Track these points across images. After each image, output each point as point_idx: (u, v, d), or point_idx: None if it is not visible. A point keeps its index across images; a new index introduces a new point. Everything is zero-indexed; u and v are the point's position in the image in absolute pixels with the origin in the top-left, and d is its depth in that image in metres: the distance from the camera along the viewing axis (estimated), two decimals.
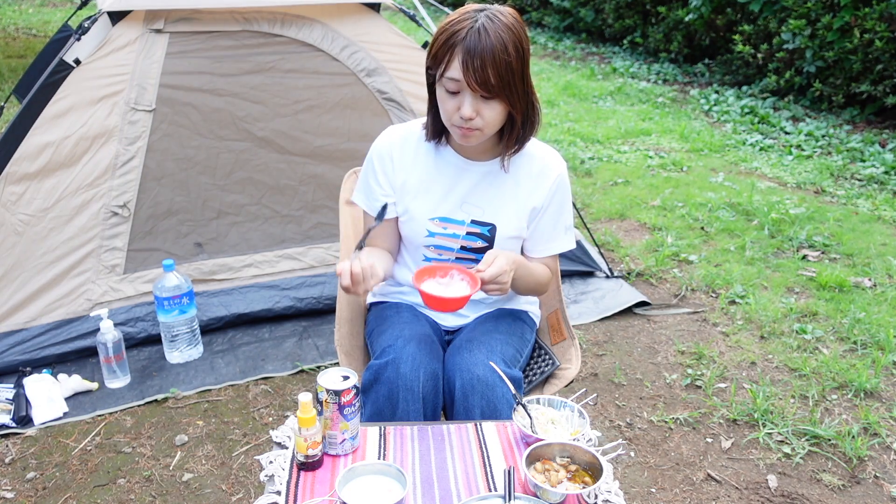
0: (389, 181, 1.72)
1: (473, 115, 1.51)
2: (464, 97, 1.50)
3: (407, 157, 1.71)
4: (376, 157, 1.73)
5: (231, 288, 2.92)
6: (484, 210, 1.69)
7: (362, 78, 3.00)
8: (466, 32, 1.45)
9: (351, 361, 1.82)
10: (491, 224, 1.69)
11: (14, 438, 2.34)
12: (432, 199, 1.70)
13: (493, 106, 1.51)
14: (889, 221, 4.05)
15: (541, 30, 10.75)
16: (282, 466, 1.36)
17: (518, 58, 1.48)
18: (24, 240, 2.61)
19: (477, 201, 1.69)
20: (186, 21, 2.76)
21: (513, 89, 1.50)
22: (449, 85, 1.50)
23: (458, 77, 1.47)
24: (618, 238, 3.87)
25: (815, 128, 5.66)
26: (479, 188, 1.69)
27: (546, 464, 1.31)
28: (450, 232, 1.70)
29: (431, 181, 1.70)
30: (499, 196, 1.69)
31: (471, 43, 1.44)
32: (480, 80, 1.45)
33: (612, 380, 2.72)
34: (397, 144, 1.72)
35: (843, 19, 5.63)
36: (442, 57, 1.49)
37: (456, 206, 1.70)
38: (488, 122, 1.53)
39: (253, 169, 2.94)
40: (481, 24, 1.45)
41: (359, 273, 1.49)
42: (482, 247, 1.71)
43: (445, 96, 1.53)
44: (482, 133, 1.56)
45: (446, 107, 1.54)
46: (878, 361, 2.76)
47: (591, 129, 5.82)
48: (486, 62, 1.44)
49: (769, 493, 2.16)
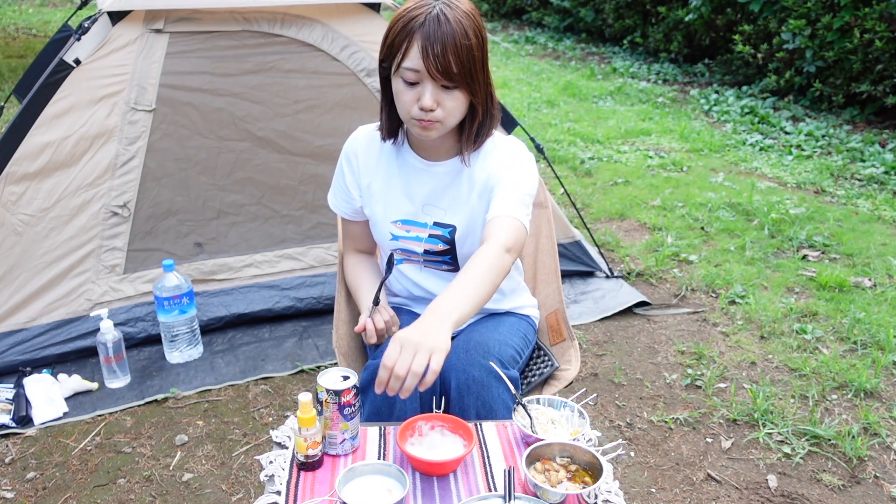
0: (357, 183, 1.69)
1: (434, 106, 1.43)
2: (424, 87, 1.42)
3: (371, 158, 1.67)
4: (344, 159, 1.69)
5: (231, 288, 2.92)
6: (445, 211, 1.64)
7: (362, 78, 3.00)
8: (424, 18, 1.38)
9: (349, 363, 1.82)
10: (451, 226, 1.64)
11: (14, 438, 2.34)
12: (394, 201, 1.66)
13: (455, 96, 1.44)
14: (889, 221, 4.05)
15: (541, 30, 10.74)
16: (282, 466, 1.36)
17: (478, 45, 1.42)
18: (24, 240, 2.61)
19: (438, 203, 1.64)
20: (186, 21, 2.76)
21: (474, 77, 1.44)
22: (407, 75, 1.42)
23: (417, 66, 1.40)
24: (618, 238, 3.87)
25: (815, 128, 5.66)
26: (440, 189, 1.63)
27: (546, 464, 1.31)
28: (412, 235, 1.67)
29: (393, 183, 1.66)
30: (458, 196, 1.63)
31: (430, 29, 1.37)
32: (441, 67, 1.38)
33: (612, 380, 2.72)
34: (362, 145, 1.68)
35: (843, 19, 5.63)
36: (399, 46, 1.41)
37: (418, 209, 1.65)
38: (449, 113, 1.46)
39: (253, 169, 2.94)
40: (439, 10, 1.39)
41: (383, 328, 1.57)
42: (444, 249, 1.67)
43: (403, 88, 1.45)
44: (443, 125, 1.48)
45: (404, 99, 1.45)
46: (878, 361, 2.76)
47: (591, 129, 5.82)
48: (448, 48, 1.37)
49: (769, 493, 2.16)
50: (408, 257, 1.72)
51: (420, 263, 1.73)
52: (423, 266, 1.73)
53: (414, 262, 1.73)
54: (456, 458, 1.31)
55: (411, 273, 1.75)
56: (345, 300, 1.90)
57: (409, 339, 1.24)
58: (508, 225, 1.49)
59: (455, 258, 1.68)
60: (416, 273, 1.75)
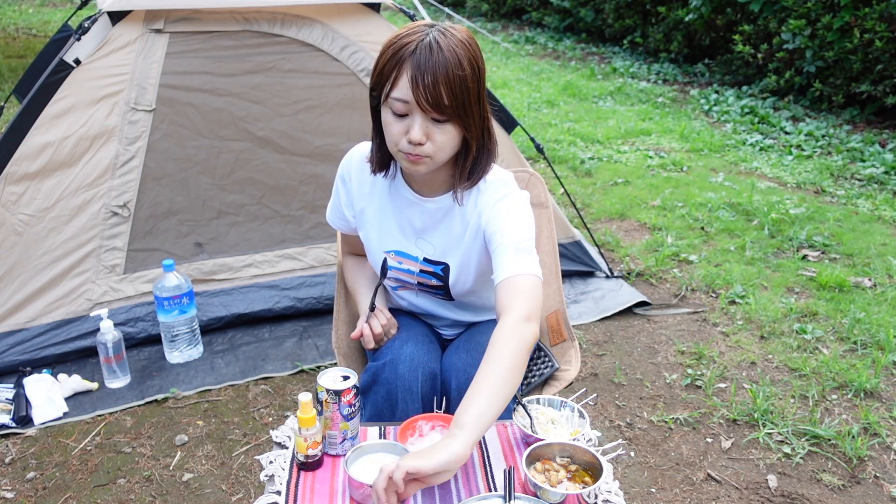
0: (351, 206, 1.64)
1: (423, 140, 1.34)
2: (413, 119, 1.33)
3: (365, 184, 1.60)
4: (339, 180, 1.63)
5: (231, 288, 2.92)
6: (436, 248, 1.57)
7: (362, 78, 3.00)
8: (416, 46, 1.29)
9: (349, 363, 1.82)
10: (443, 263, 1.58)
11: (14, 438, 2.34)
12: (387, 231, 1.60)
13: (446, 129, 1.35)
14: (889, 221, 4.05)
15: (541, 30, 10.75)
16: (282, 466, 1.36)
17: (474, 76, 1.33)
18: (24, 240, 2.61)
19: (430, 238, 1.58)
20: (186, 21, 2.76)
21: (468, 110, 1.34)
22: (396, 106, 1.33)
23: (405, 97, 1.31)
24: (618, 238, 3.87)
25: (815, 128, 5.66)
26: (431, 225, 1.56)
27: (546, 464, 1.31)
28: (405, 267, 1.62)
29: (386, 213, 1.59)
30: (450, 234, 1.55)
31: (421, 58, 1.28)
32: (432, 99, 1.29)
33: (612, 380, 2.72)
34: (356, 169, 1.60)
35: (843, 19, 5.63)
36: (388, 74, 1.32)
37: (410, 241, 1.59)
38: (440, 147, 1.36)
39: (253, 169, 2.94)
40: (432, 37, 1.30)
41: (380, 333, 1.57)
42: (438, 286, 1.61)
43: (392, 119, 1.36)
44: (432, 161, 1.38)
45: (392, 131, 1.36)
46: (878, 361, 2.76)
47: (591, 129, 5.82)
48: (439, 79, 1.28)
49: (769, 493, 2.16)
50: (402, 284, 1.68)
51: (415, 290, 1.69)
52: (419, 293, 1.70)
53: (409, 289, 1.70)
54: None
55: (407, 296, 1.73)
56: (344, 301, 1.90)
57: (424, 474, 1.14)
58: (523, 288, 1.36)
59: (448, 293, 1.63)
60: (412, 297, 1.73)
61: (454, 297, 1.65)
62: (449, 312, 1.73)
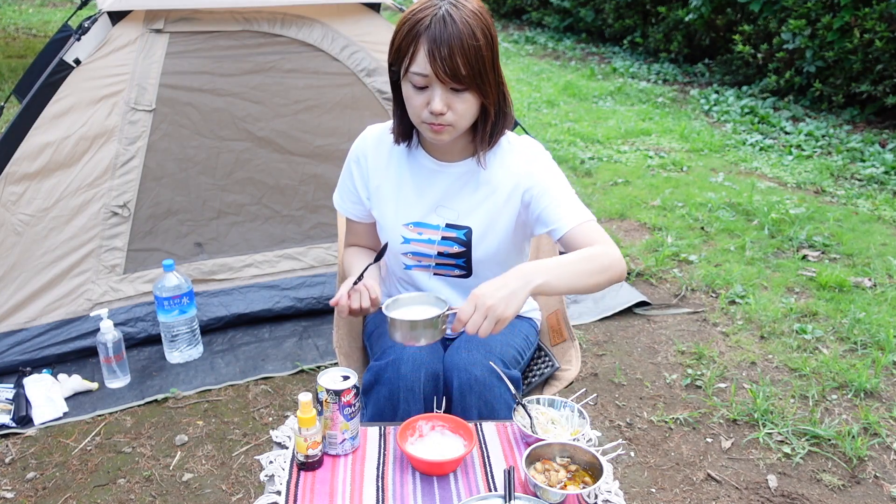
0: (366, 185, 1.66)
1: (444, 110, 1.41)
2: (433, 91, 1.41)
3: (381, 160, 1.64)
4: (353, 160, 1.67)
5: (231, 288, 2.92)
6: (458, 213, 1.61)
7: (362, 78, 3.00)
8: (430, 20, 1.36)
9: (350, 363, 1.82)
10: (466, 227, 1.61)
11: (14, 438, 2.34)
12: (405, 203, 1.63)
13: (465, 98, 1.43)
14: (889, 221, 4.05)
15: (541, 30, 10.74)
16: (282, 466, 1.36)
17: (487, 45, 1.40)
18: (24, 240, 2.61)
19: (451, 204, 1.61)
20: (186, 21, 2.76)
21: (484, 78, 1.41)
22: (416, 80, 1.41)
23: (424, 71, 1.38)
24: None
25: (815, 128, 5.66)
26: (453, 191, 1.61)
27: (546, 464, 1.31)
28: (425, 237, 1.63)
29: (404, 185, 1.63)
30: (473, 198, 1.61)
31: (436, 31, 1.35)
32: (449, 70, 1.36)
33: (612, 380, 2.72)
34: (371, 147, 1.65)
35: (843, 19, 5.63)
36: (405, 50, 1.40)
37: (430, 210, 1.62)
38: (461, 116, 1.44)
39: (253, 169, 2.94)
40: (445, 10, 1.36)
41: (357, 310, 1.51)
42: (460, 252, 1.64)
43: (413, 92, 1.43)
44: (454, 129, 1.47)
45: (414, 104, 1.44)
46: (878, 361, 2.76)
47: (591, 129, 5.82)
48: (455, 50, 1.35)
49: (769, 493, 2.16)
50: (418, 262, 1.68)
51: (431, 269, 1.69)
52: (434, 272, 1.69)
53: (424, 266, 1.69)
54: (456, 458, 1.32)
55: (419, 279, 1.71)
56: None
57: (483, 301, 1.30)
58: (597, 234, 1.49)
59: (469, 261, 1.65)
60: (424, 279, 1.71)
61: (473, 269, 1.65)
62: (457, 300, 1.72)
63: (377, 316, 1.81)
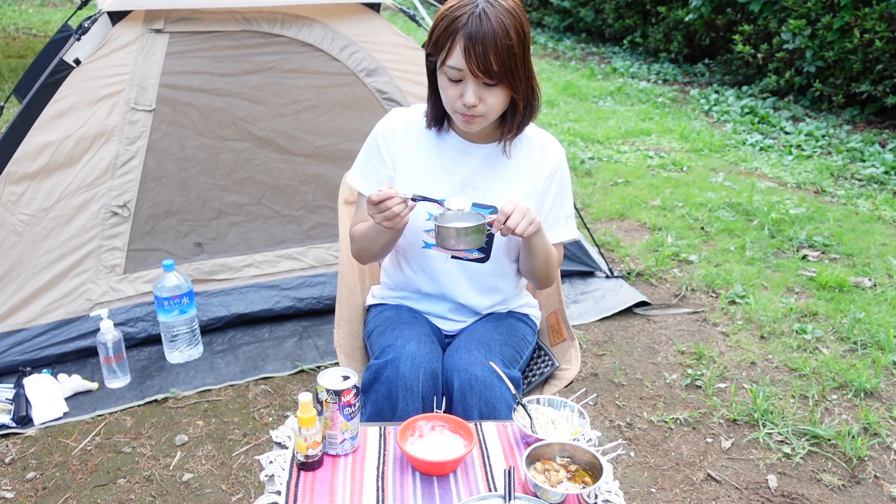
0: (392, 159, 1.70)
1: (476, 103, 1.50)
2: (466, 84, 1.49)
3: (410, 140, 1.70)
4: (381, 134, 1.71)
5: (231, 288, 2.92)
6: (485, 193, 1.67)
7: (362, 78, 3.00)
8: (467, 18, 1.44)
9: (351, 362, 1.82)
10: (492, 207, 1.66)
11: (14, 438, 2.34)
12: (433, 182, 1.67)
13: (496, 92, 1.51)
14: (889, 221, 4.05)
15: (541, 30, 10.75)
16: (282, 466, 1.36)
17: (519, 42, 1.48)
18: (24, 240, 2.61)
19: (478, 184, 1.67)
20: (186, 21, 2.76)
21: (515, 74, 1.49)
22: (451, 73, 1.49)
23: (460, 66, 1.46)
24: (618, 238, 3.87)
25: (815, 128, 5.66)
26: (480, 171, 1.67)
27: (546, 464, 1.31)
28: None
29: (432, 164, 1.68)
30: (500, 179, 1.68)
31: (472, 29, 1.43)
32: (483, 67, 1.44)
33: (612, 380, 2.72)
34: (401, 125, 1.71)
35: (843, 19, 5.63)
36: (443, 44, 1.48)
37: (457, 190, 1.67)
38: (491, 108, 1.53)
39: (253, 169, 2.94)
40: (482, 9, 1.44)
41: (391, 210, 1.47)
42: None
43: (447, 84, 1.52)
44: (485, 119, 1.55)
45: (448, 94, 1.53)
46: (878, 361, 2.76)
47: (591, 129, 5.82)
48: (489, 48, 1.43)
49: (769, 493, 2.16)
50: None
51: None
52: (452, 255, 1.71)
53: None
54: (456, 458, 1.32)
55: (434, 262, 1.72)
56: (345, 299, 1.90)
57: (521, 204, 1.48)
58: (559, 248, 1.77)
59: (491, 243, 1.68)
60: (439, 262, 1.72)
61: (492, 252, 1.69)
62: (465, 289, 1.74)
63: (378, 315, 1.82)
